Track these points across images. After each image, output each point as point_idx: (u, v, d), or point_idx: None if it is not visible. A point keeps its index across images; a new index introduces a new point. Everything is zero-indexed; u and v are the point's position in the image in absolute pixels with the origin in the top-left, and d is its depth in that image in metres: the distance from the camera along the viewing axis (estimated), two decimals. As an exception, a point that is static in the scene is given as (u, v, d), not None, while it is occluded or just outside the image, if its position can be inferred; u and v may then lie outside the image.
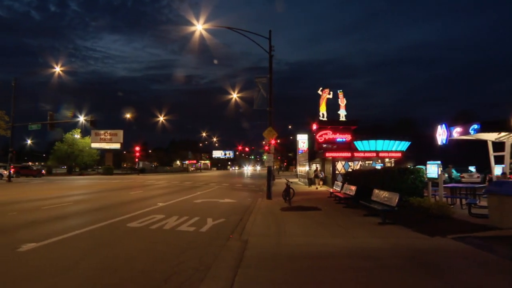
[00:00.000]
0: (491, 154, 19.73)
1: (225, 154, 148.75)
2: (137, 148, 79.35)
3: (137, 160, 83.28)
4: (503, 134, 18.16)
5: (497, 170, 19.28)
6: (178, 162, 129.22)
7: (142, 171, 78.67)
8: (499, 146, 19.32)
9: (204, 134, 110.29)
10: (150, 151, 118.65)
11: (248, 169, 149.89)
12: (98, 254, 7.39)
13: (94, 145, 72.50)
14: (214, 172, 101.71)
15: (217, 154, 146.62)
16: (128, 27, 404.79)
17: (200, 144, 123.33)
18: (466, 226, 9.59)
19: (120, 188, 28.48)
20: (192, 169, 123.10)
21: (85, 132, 72.45)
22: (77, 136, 71.65)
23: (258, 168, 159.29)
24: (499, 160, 19.37)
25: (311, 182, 32.03)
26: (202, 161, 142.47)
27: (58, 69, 40.80)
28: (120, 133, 73.30)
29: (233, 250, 7.60)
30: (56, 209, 14.20)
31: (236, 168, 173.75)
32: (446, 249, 7.72)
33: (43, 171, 55.64)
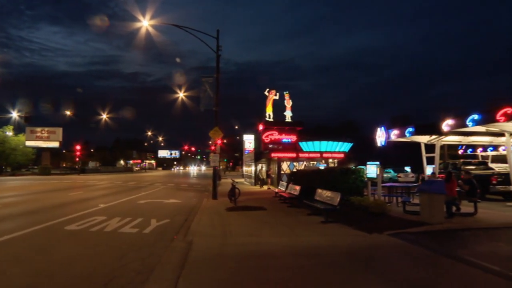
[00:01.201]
0: (424, 155, 21.17)
1: (171, 154, 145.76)
2: (78, 147, 75.42)
3: (77, 159, 79.19)
4: (434, 137, 19.55)
5: (429, 170, 20.68)
6: (122, 162, 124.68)
7: (83, 171, 74.95)
8: (431, 148, 20.78)
9: (149, 133, 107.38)
10: (92, 150, 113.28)
11: (193, 169, 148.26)
12: (32, 260, 6.94)
13: (29, 143, 67.48)
14: (160, 172, 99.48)
15: (162, 153, 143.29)
16: (70, 19, 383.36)
17: (146, 144, 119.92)
18: (401, 223, 10.20)
19: (58, 189, 26.93)
20: (136, 169, 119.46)
21: (20, 129, 67.50)
22: (9, 133, 66.50)
23: (203, 168, 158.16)
24: (431, 161, 20.82)
25: (263, 182, 32.24)
26: (147, 161, 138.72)
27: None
28: (59, 131, 69.17)
29: (177, 251, 7.51)
30: (-16, 212, 13.15)
31: (181, 168, 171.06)
32: (383, 245, 8.18)
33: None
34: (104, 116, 73.95)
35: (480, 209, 11.87)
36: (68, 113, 64.78)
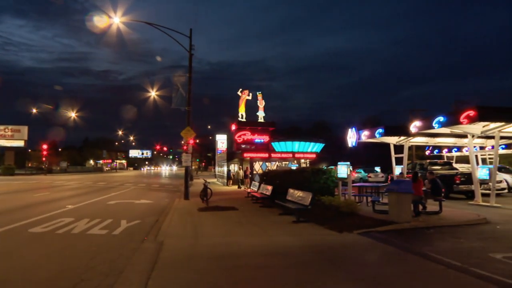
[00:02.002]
0: (393, 155, 21.77)
1: (142, 154, 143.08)
2: (45, 146, 72.89)
3: (44, 159, 76.52)
4: (402, 138, 20.15)
5: (398, 170, 21.25)
6: (91, 162, 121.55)
7: (50, 171, 72.52)
8: (400, 148, 21.41)
9: (120, 133, 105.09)
10: (60, 149, 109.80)
11: (165, 169, 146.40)
12: (-7, 264, 6.67)
13: (-10, 142, 64.84)
14: (131, 172, 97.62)
15: (134, 153, 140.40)
16: (36, 13, 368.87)
17: (116, 143, 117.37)
18: (370, 222, 10.43)
19: (23, 189, 25.94)
20: (107, 169, 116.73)
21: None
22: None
23: (174, 168, 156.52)
24: (400, 161, 21.44)
25: (241, 182, 31.98)
26: (118, 161, 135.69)
27: None
28: (25, 129, 66.55)
29: (147, 253, 7.40)
30: None
31: (153, 168, 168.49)
32: (352, 243, 8.35)
33: None
34: (73, 114, 71.80)
35: (445, 208, 12.29)
36: (34, 111, 62.45)
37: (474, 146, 20.24)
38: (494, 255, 6.96)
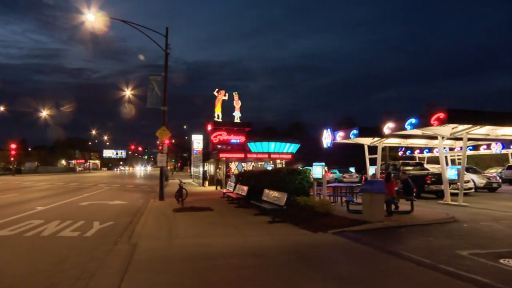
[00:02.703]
0: (367, 156, 22.20)
1: (117, 154, 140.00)
2: (13, 146, 70.40)
3: (12, 159, 73.88)
4: (376, 139, 20.57)
5: (371, 170, 21.67)
6: (63, 162, 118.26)
7: (19, 171, 70.16)
8: (374, 149, 21.84)
9: (94, 132, 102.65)
10: (30, 149, 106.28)
11: (140, 169, 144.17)
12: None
13: (-46, 141, 62.02)
14: (105, 173, 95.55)
15: (108, 153, 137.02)
16: (4, 6, 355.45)
17: (90, 143, 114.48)
18: (344, 222, 10.59)
19: (-10, 191, 24.99)
20: (80, 169, 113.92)
21: None
22: None
23: (149, 168, 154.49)
24: (374, 162, 21.86)
25: (218, 182, 31.65)
26: (92, 161, 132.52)
27: None
28: (-8, 128, 64.28)
29: (120, 255, 7.28)
30: None
31: (127, 168, 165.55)
32: (326, 243, 8.47)
33: None
34: (44, 113, 69.66)
35: (416, 207, 12.63)
36: (1, 108, 60.21)
37: (444, 148, 20.89)
38: (460, 252, 7.21)
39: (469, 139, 18.38)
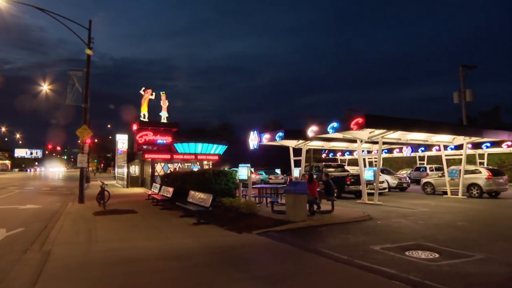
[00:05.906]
0: (292, 158, 22.90)
1: (31, 154, 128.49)
2: None
3: None
4: (300, 141, 21.35)
5: (296, 172, 22.39)
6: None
7: None
8: (298, 151, 22.62)
9: (4, 129, 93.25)
10: None
11: (59, 171, 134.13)
12: None
13: None
14: (16, 174, 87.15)
15: (21, 153, 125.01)
16: None
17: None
18: (269, 222, 10.79)
19: None
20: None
21: None
22: None
23: (64, 169, 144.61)
24: (298, 164, 22.62)
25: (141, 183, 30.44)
26: (0, 161, 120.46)
27: None
28: None
29: (30, 264, 6.65)
30: None
31: (43, 169, 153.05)
32: (251, 243, 8.55)
33: None
34: None
35: (336, 207, 13.30)
36: None
37: (362, 150, 22.33)
38: (373, 247, 7.74)
39: (384, 143, 19.88)
